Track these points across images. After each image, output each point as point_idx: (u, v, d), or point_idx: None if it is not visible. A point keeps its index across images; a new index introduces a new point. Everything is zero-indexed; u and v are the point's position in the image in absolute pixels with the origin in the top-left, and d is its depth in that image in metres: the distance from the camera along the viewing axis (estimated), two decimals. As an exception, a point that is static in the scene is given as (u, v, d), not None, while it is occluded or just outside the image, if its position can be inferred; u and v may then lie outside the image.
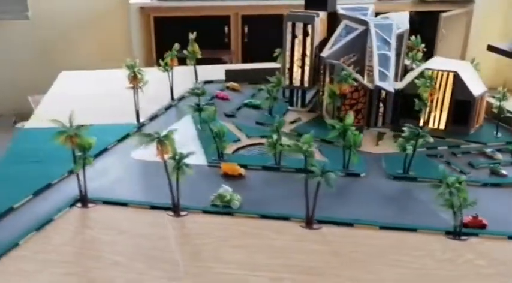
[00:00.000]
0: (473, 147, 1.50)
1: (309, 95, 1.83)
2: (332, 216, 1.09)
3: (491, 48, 3.26)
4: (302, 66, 1.75)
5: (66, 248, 0.97)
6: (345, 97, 1.55)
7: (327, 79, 1.70)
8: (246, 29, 4.43)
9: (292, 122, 1.69)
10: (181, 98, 1.92)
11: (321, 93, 1.76)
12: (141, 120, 1.67)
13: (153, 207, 1.13)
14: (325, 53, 1.71)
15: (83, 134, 1.08)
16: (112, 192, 1.18)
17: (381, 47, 1.66)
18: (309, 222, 1.07)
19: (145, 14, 4.32)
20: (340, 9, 1.86)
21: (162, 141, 1.05)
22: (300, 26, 1.71)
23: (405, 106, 1.61)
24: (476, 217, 1.06)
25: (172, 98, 1.89)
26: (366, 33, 1.71)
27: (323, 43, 1.76)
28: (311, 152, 1.01)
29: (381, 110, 1.61)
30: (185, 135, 1.57)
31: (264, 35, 4.52)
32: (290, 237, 1.03)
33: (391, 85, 1.59)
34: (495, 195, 1.23)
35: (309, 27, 1.70)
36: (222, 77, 2.17)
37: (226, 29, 4.44)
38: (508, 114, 1.60)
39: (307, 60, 1.74)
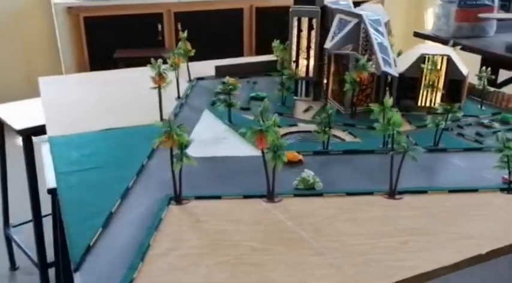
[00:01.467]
0: (471, 120, 1.73)
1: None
2: (406, 187, 1.23)
3: (417, 34, 3.62)
4: (307, 58, 1.88)
5: (200, 241, 1.01)
6: (362, 84, 1.71)
7: (332, 69, 1.85)
8: (179, 26, 4.43)
9: (306, 111, 1.81)
10: (186, 95, 1.94)
11: (325, 81, 1.90)
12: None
13: (246, 196, 1.19)
14: (328, 45, 1.85)
15: (183, 132, 1.11)
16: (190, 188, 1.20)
17: (377, 37, 1.83)
18: (392, 194, 1.20)
19: (73, 14, 4.15)
20: (328, 4, 2.01)
21: (264, 132, 1.11)
22: (305, 20, 1.83)
23: (405, 88, 1.80)
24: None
25: (179, 96, 1.91)
26: (359, 25, 1.87)
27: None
28: (399, 131, 1.14)
29: (387, 93, 1.80)
30: (219, 129, 1.63)
31: (198, 31, 4.56)
32: (383, 208, 1.16)
33: (394, 70, 1.77)
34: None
35: (314, 21, 1.83)
36: (208, 73, 2.22)
37: (159, 26, 4.41)
38: (490, 90, 1.87)
39: (312, 53, 1.86)
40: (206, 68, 2.21)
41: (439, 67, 1.75)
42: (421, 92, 1.81)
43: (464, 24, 3.34)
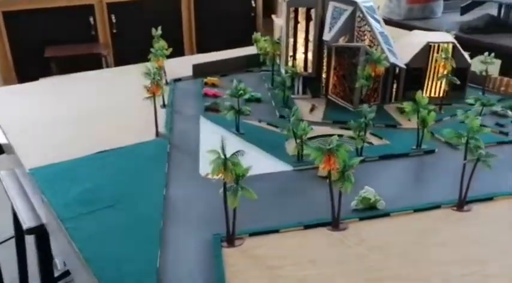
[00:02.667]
0: (485, 110, 1.66)
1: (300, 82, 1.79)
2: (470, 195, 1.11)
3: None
4: (305, 52, 1.71)
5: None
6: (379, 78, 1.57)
7: (333, 63, 1.70)
8: (113, 18, 4.08)
9: (311, 110, 1.65)
10: (171, 102, 1.70)
11: (324, 77, 1.74)
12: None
13: (307, 226, 1.01)
14: (327, 36, 1.69)
15: (239, 161, 0.90)
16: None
17: (377, 26, 1.70)
18: (460, 205, 1.08)
19: (-11, 8, 3.65)
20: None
21: (333, 153, 0.94)
22: (303, 11, 1.66)
23: (410, 79, 1.70)
24: None
25: (164, 104, 1.66)
26: (353, 13, 1.73)
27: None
28: (478, 138, 1.02)
29: (395, 85, 1.68)
30: (229, 141, 1.41)
31: (135, 23, 4.23)
32: (460, 223, 1.04)
33: (400, 61, 1.66)
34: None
35: (312, 11, 1.66)
36: (180, 73, 1.99)
37: (91, 19, 4.03)
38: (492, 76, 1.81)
39: (311, 46, 1.70)
40: (173, 66, 1.96)
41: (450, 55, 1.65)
42: (427, 82, 1.72)
43: (415, 5, 3.33)
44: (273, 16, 1.98)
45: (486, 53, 1.76)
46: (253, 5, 4.66)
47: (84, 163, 1.27)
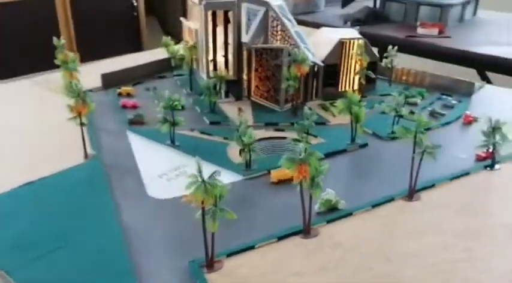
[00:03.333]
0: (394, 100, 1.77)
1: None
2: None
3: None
4: (225, 56, 1.68)
5: None
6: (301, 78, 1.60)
7: (253, 65, 1.69)
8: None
9: (239, 114, 1.63)
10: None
11: (245, 78, 1.73)
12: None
13: (281, 238, 1.00)
14: (245, 38, 1.68)
15: (217, 183, 0.86)
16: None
17: (290, 25, 1.74)
18: (410, 195, 1.15)
19: None
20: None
21: (305, 162, 0.93)
22: (220, 13, 1.62)
23: (325, 76, 1.76)
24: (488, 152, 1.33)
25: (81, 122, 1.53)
26: (266, 14, 1.74)
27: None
28: (424, 134, 1.08)
29: (314, 83, 1.73)
30: (169, 155, 1.35)
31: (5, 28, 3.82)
32: (416, 212, 1.10)
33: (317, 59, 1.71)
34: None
35: (230, 14, 1.63)
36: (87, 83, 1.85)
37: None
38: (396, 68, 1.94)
39: (230, 49, 1.67)
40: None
41: (350, 51, 1.73)
42: (342, 77, 1.79)
43: (300, 1, 3.47)
44: (182, 19, 1.91)
45: (390, 47, 1.88)
46: (135, 3, 4.47)
47: (11, 198, 1.12)
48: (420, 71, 1.92)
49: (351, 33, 1.87)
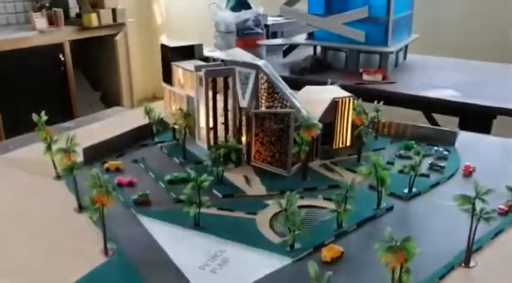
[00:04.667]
0: (389, 155, 1.80)
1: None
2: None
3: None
4: (225, 122, 1.60)
5: None
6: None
7: (253, 129, 1.64)
8: None
9: (248, 183, 1.55)
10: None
11: (244, 144, 1.66)
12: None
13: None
14: (243, 103, 1.63)
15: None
16: None
17: (284, 87, 1.71)
18: (468, 260, 1.14)
19: None
20: (222, 57, 1.77)
21: (403, 248, 0.88)
22: (220, 80, 1.55)
23: (321, 135, 1.74)
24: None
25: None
26: (257, 76, 1.71)
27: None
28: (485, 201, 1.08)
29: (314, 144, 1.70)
30: (195, 240, 1.22)
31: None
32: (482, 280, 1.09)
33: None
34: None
35: (230, 79, 1.57)
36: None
37: None
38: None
39: (230, 115, 1.60)
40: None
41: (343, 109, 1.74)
42: (336, 135, 1.79)
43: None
44: (164, 84, 1.81)
45: (376, 101, 1.92)
46: (62, 58, 4.24)
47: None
48: (402, 123, 1.98)
49: (334, 90, 1.89)
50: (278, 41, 3.69)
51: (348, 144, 1.82)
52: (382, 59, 3.29)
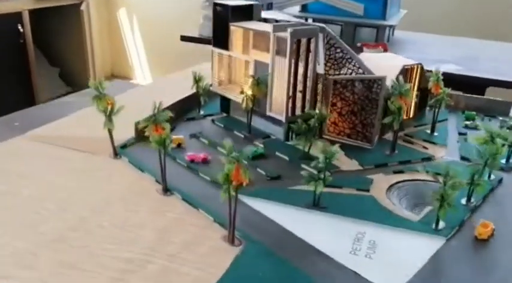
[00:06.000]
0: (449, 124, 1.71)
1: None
2: None
3: (185, 38, 3.35)
4: (303, 91, 1.43)
5: None
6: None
7: (331, 99, 1.48)
8: None
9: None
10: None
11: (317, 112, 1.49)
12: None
13: None
14: (320, 69, 1.46)
15: None
16: None
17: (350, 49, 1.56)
18: None
19: None
20: (280, 17, 1.58)
21: None
22: (303, 42, 1.37)
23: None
24: None
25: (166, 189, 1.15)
26: (324, 39, 1.55)
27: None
28: None
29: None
30: (322, 220, 1.05)
31: None
32: None
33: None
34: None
35: (312, 41, 1.39)
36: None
37: None
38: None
39: (309, 82, 1.43)
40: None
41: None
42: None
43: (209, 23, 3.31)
44: (216, 49, 1.60)
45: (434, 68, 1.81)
46: (21, 29, 3.80)
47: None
48: (454, 94, 1.90)
49: (392, 56, 1.77)
50: (272, 13, 3.51)
51: (411, 114, 1.71)
52: (379, 32, 3.21)
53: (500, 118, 1.74)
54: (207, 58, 1.68)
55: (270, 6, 3.55)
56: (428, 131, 1.61)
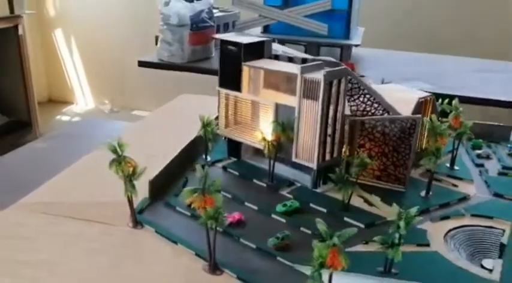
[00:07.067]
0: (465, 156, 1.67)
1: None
2: None
3: (143, 63, 3.15)
4: (333, 134, 1.32)
5: None
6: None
7: (357, 140, 1.38)
8: None
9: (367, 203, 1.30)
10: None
11: (344, 157, 1.39)
12: None
13: None
14: (347, 110, 1.36)
15: None
16: None
17: (371, 86, 1.48)
18: None
19: None
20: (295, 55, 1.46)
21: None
22: (335, 83, 1.26)
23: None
24: None
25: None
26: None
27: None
28: None
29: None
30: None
31: None
32: None
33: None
34: None
35: (342, 82, 1.29)
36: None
37: None
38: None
39: (338, 126, 1.32)
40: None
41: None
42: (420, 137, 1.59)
43: (197, 47, 3.17)
44: (223, 89, 1.46)
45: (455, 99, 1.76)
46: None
47: None
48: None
49: (402, 88, 1.70)
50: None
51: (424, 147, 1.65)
52: (344, 52, 3.19)
53: (509, 145, 1.73)
54: (156, 79, 1.52)
55: (226, 27, 3.43)
56: (447, 164, 1.55)
